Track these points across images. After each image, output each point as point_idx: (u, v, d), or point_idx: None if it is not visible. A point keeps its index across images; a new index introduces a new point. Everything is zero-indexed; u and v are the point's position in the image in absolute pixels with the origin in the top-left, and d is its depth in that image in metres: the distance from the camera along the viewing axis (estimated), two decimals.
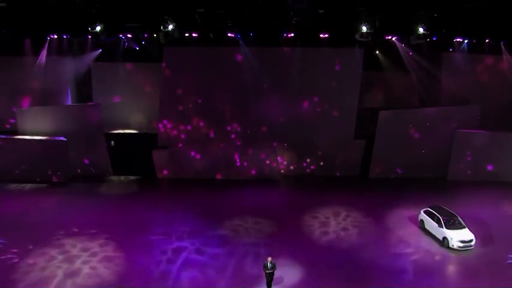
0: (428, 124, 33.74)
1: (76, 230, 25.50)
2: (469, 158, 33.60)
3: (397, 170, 34.69)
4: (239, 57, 32.76)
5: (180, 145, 34.02)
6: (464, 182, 33.16)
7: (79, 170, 33.56)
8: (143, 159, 33.81)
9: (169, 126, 34.17)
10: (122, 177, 34.10)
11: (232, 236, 25.30)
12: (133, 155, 33.88)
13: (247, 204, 29.78)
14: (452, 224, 24.45)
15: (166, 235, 25.22)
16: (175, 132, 34.24)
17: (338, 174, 34.68)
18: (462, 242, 23.72)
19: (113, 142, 34.61)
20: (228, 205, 29.57)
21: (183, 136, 34.21)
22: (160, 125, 34.13)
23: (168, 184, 33.98)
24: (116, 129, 35.15)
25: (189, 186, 32.79)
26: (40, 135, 32.60)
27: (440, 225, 24.51)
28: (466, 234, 24.03)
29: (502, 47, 32.93)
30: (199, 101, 33.72)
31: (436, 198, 30.49)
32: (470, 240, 23.87)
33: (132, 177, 34.16)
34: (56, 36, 31.31)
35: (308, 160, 34.78)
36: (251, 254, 23.49)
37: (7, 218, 26.80)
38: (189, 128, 34.13)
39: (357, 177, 34.57)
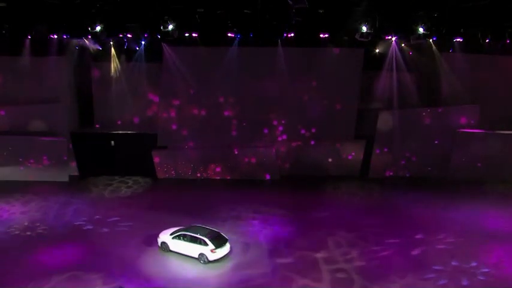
0: (429, 124, 33.86)
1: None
2: (469, 158, 33.61)
3: (397, 169, 34.74)
4: (237, 56, 32.69)
5: (191, 144, 34.27)
6: (465, 181, 33.07)
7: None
8: (143, 159, 34.01)
9: (169, 122, 34.30)
10: (117, 177, 34.28)
11: None
12: (132, 155, 34.05)
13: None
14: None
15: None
16: (174, 127, 34.38)
17: (338, 174, 34.68)
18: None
19: (113, 142, 34.64)
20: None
21: (183, 132, 34.41)
22: (160, 121, 34.25)
23: (161, 184, 33.98)
24: (116, 129, 35.11)
25: (182, 186, 33.11)
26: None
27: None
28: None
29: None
30: (198, 97, 33.79)
31: (435, 198, 30.73)
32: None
33: (130, 178, 34.32)
34: (56, 36, 31.25)
35: (308, 160, 34.78)
36: None
37: None
38: (188, 121, 34.27)
39: (357, 177, 34.62)
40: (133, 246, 24.50)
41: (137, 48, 33.26)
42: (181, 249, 23.33)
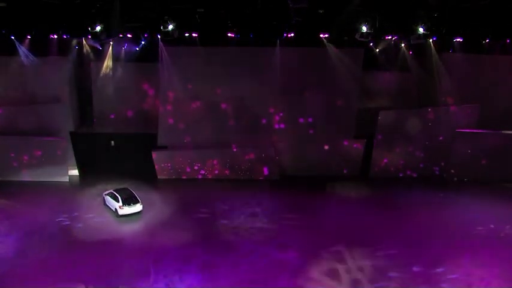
0: (429, 124, 33.87)
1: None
2: (468, 158, 33.64)
3: (397, 169, 34.79)
4: (236, 56, 32.68)
5: (189, 140, 34.33)
6: (464, 181, 33.23)
7: None
8: (143, 159, 33.97)
9: (169, 121, 34.31)
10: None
11: None
12: (132, 154, 34.06)
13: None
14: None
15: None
16: (173, 127, 34.36)
17: (338, 173, 34.72)
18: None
19: (112, 142, 34.69)
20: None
21: (182, 131, 34.40)
22: (160, 120, 34.25)
23: (161, 184, 33.94)
24: (116, 130, 35.15)
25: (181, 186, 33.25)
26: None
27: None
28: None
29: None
30: (197, 95, 33.78)
31: (435, 197, 30.84)
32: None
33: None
34: (56, 36, 31.29)
35: (307, 160, 34.79)
36: None
37: None
38: (187, 120, 34.28)
39: (356, 177, 34.63)
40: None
41: (137, 48, 33.30)
42: (109, 204, 28.57)
